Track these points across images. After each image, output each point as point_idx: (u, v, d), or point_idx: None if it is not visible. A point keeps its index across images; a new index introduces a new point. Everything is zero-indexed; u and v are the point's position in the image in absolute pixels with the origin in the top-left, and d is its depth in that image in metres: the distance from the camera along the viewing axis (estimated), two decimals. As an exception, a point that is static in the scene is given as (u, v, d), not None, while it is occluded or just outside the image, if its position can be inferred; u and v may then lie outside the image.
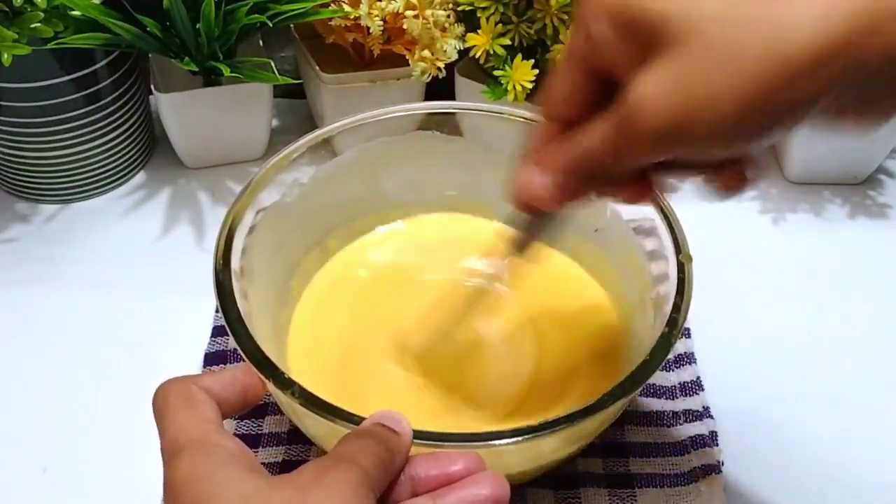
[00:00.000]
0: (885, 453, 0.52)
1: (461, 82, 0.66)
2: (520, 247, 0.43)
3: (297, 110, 0.75)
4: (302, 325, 0.52)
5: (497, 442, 0.38)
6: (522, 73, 0.60)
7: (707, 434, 0.51)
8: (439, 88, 0.66)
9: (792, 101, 0.29)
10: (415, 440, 0.36)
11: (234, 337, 0.42)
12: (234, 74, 0.59)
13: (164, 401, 0.35)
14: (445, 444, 0.38)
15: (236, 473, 0.31)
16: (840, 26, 0.27)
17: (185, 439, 0.33)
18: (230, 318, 0.43)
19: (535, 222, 0.40)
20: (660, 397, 0.53)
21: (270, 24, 0.59)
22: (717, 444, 0.50)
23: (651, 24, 0.30)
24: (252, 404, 0.39)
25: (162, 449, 0.34)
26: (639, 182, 0.35)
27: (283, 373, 0.41)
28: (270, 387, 0.41)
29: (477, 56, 0.61)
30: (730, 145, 0.31)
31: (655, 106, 0.30)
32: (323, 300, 0.54)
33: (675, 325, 0.43)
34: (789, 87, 0.28)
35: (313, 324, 0.52)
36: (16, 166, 0.65)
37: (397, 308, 0.53)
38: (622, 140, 0.32)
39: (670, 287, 0.45)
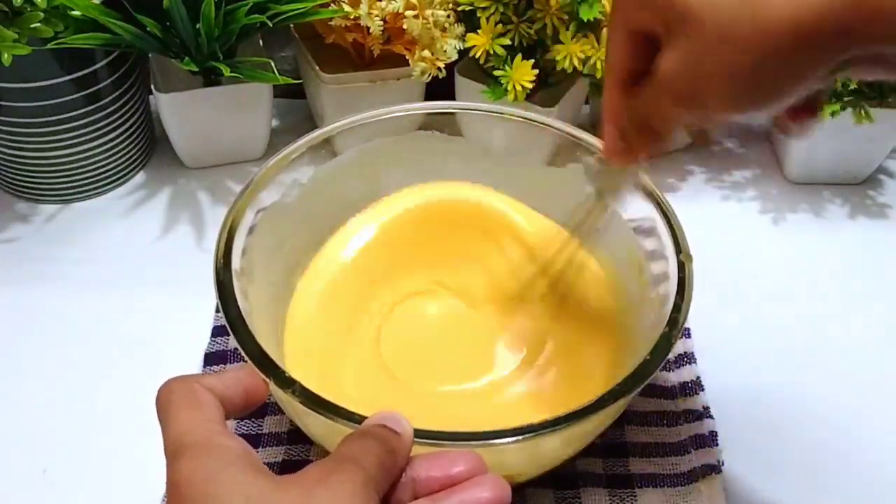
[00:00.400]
0: (886, 453, 0.52)
1: (461, 82, 0.66)
2: (602, 193, 0.49)
3: (297, 110, 0.75)
4: (301, 324, 0.52)
5: (497, 441, 0.39)
6: (522, 73, 0.60)
7: (707, 434, 0.51)
8: (439, 88, 0.66)
9: (782, 71, 0.33)
10: (415, 439, 0.36)
11: (234, 336, 0.42)
12: (234, 74, 0.59)
13: (168, 400, 0.35)
14: (445, 443, 0.38)
15: (241, 474, 0.31)
16: (831, 6, 0.30)
17: (188, 439, 0.33)
18: (231, 318, 0.43)
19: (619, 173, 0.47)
20: (660, 397, 0.53)
21: (270, 24, 0.59)
22: (717, 444, 0.50)
23: (672, 8, 0.34)
24: (254, 405, 0.39)
25: (165, 448, 0.34)
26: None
27: (283, 371, 0.41)
28: (271, 386, 0.41)
29: (477, 56, 0.61)
30: (742, 109, 0.35)
31: (673, 80, 0.35)
32: (321, 298, 0.53)
33: (675, 325, 0.43)
34: (775, 60, 0.32)
35: (312, 322, 0.52)
36: (16, 166, 0.65)
37: (393, 301, 0.53)
38: (656, 105, 0.37)
39: (670, 287, 0.45)
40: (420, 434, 0.37)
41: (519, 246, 0.55)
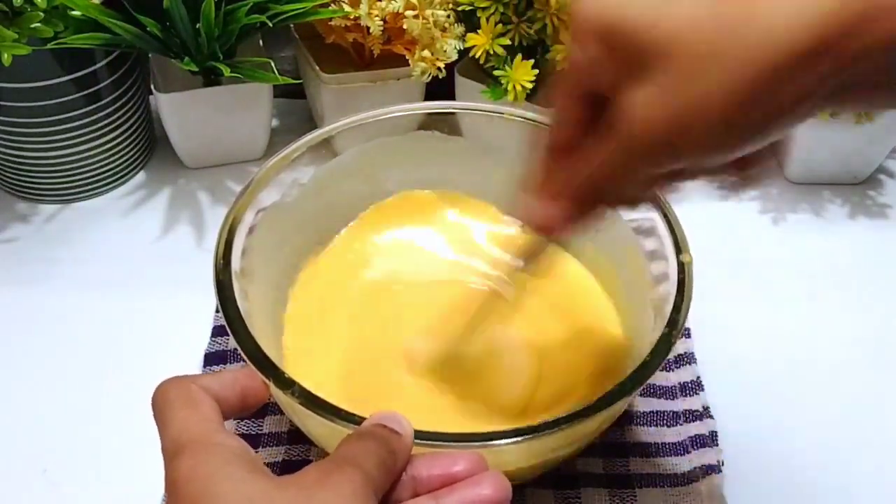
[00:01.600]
0: (885, 453, 0.52)
1: (461, 82, 0.66)
2: (530, 257, 0.43)
3: (297, 110, 0.75)
4: (300, 324, 0.52)
5: (497, 442, 0.39)
6: (522, 73, 0.60)
7: (707, 434, 0.51)
8: (439, 88, 0.66)
9: (775, 103, 0.30)
10: (415, 440, 0.36)
11: (234, 337, 0.42)
12: (234, 74, 0.59)
13: (164, 400, 0.35)
14: (446, 443, 0.38)
15: (240, 473, 0.31)
16: (813, 26, 0.28)
17: (186, 438, 0.33)
18: (230, 318, 0.43)
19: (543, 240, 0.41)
20: (660, 397, 0.53)
21: (270, 24, 0.59)
22: (717, 444, 0.50)
23: (638, 42, 0.31)
24: (253, 408, 0.39)
25: (163, 448, 0.34)
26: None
27: (283, 372, 0.41)
28: (270, 386, 0.41)
29: (477, 56, 0.61)
30: (725, 151, 0.32)
31: (649, 123, 0.31)
32: (321, 299, 0.54)
33: (675, 326, 0.43)
34: (769, 90, 0.29)
35: (312, 323, 0.52)
36: (16, 166, 0.65)
37: (397, 309, 0.53)
38: (622, 160, 0.33)
39: (670, 287, 0.45)
40: (420, 435, 0.37)
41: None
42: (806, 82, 0.29)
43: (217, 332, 0.56)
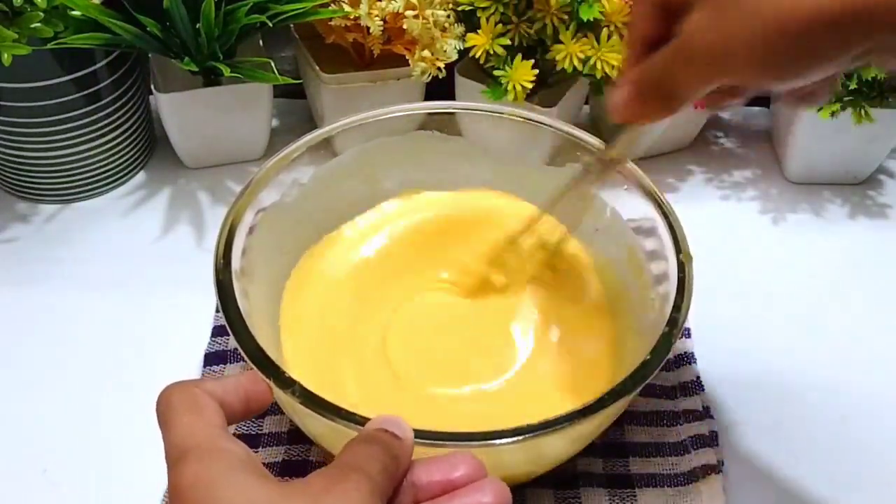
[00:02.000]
0: (886, 453, 0.52)
1: (461, 82, 0.66)
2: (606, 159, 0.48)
3: (297, 110, 0.75)
4: (301, 324, 0.52)
5: (497, 441, 0.39)
6: (522, 73, 0.60)
7: (707, 434, 0.51)
8: (439, 88, 0.66)
9: (803, 53, 0.33)
10: (415, 440, 0.36)
11: (234, 336, 0.42)
12: (234, 74, 0.59)
13: (168, 405, 0.35)
14: (445, 443, 0.38)
15: (245, 479, 0.31)
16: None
17: (190, 443, 0.33)
18: (231, 318, 0.43)
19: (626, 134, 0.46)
20: (660, 397, 0.53)
21: (270, 24, 0.59)
22: (717, 444, 0.50)
23: None
24: (256, 412, 0.38)
25: (166, 454, 0.33)
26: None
27: (283, 372, 0.41)
28: (272, 387, 0.40)
29: (477, 56, 0.61)
30: (761, 81, 0.35)
31: (698, 43, 0.35)
32: (321, 298, 0.53)
33: (675, 325, 0.43)
34: (795, 42, 0.32)
35: (312, 322, 0.52)
36: (16, 166, 0.65)
37: (390, 300, 0.53)
38: (676, 64, 0.37)
39: (671, 287, 0.45)
40: (420, 434, 0.37)
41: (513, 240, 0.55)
42: (836, 41, 0.32)
43: (217, 332, 0.56)
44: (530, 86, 0.60)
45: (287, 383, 0.40)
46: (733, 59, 0.34)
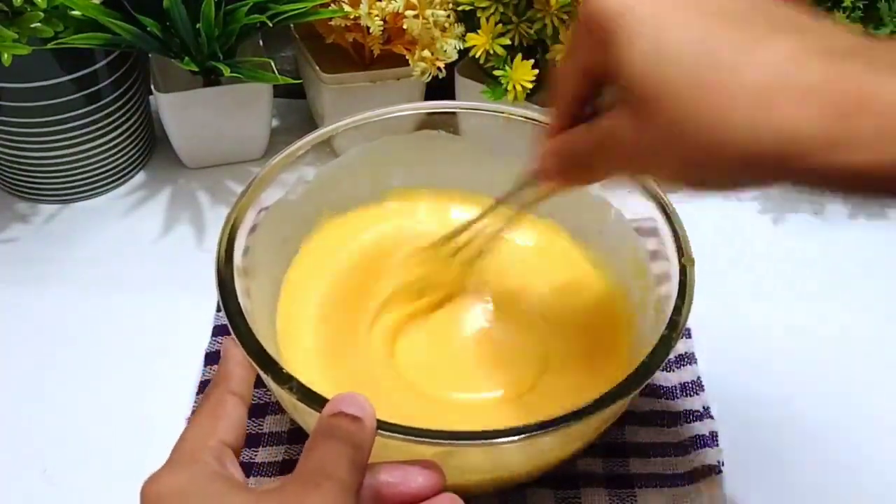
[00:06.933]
0: (886, 453, 0.52)
1: (461, 82, 0.66)
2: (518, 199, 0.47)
3: (297, 110, 0.75)
4: (301, 322, 0.52)
5: (497, 441, 0.39)
6: (522, 73, 0.60)
7: (707, 434, 0.51)
8: (439, 88, 0.66)
9: (728, 181, 0.33)
10: (418, 439, 0.36)
11: (233, 331, 0.42)
12: (234, 74, 0.59)
13: (205, 397, 0.38)
14: (445, 442, 0.38)
15: (228, 490, 0.32)
16: (765, 139, 0.29)
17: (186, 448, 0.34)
18: (231, 313, 0.43)
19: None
20: (660, 397, 0.53)
21: (270, 24, 0.59)
22: (717, 444, 0.50)
23: (625, 79, 0.33)
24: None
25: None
26: None
27: (281, 368, 0.41)
28: (270, 383, 0.41)
29: (477, 56, 0.61)
30: (682, 187, 0.34)
31: (618, 142, 0.34)
32: (320, 297, 0.53)
33: (675, 328, 0.43)
34: (718, 173, 0.32)
35: (312, 321, 0.52)
36: (16, 166, 0.65)
37: (383, 290, 0.53)
38: (596, 153, 0.37)
39: (672, 288, 0.45)
40: (420, 434, 0.37)
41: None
42: (755, 178, 0.32)
43: (217, 331, 0.56)
44: (530, 86, 0.60)
45: (285, 379, 0.40)
46: (651, 166, 0.35)
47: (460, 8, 0.61)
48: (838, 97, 0.28)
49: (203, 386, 0.53)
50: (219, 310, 0.58)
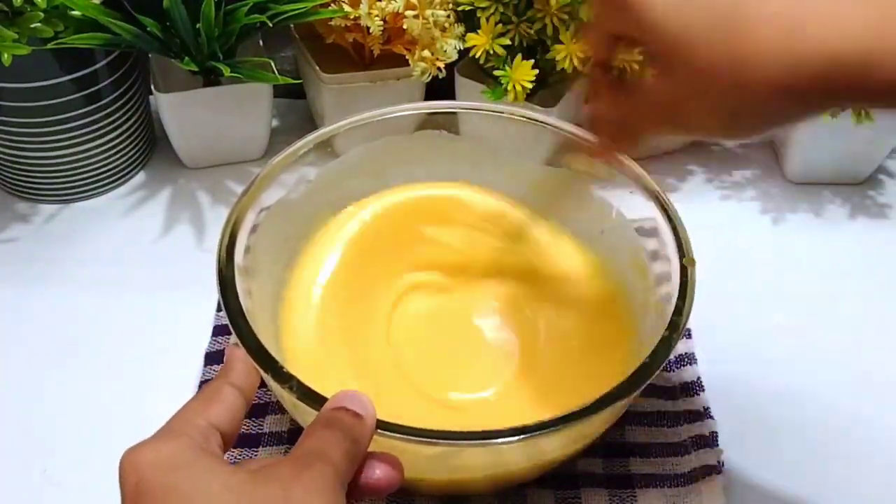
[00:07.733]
0: (887, 453, 0.52)
1: (461, 82, 0.66)
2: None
3: (297, 110, 0.75)
4: (301, 321, 0.52)
5: (497, 441, 0.39)
6: (522, 73, 0.60)
7: (707, 434, 0.51)
8: (439, 88, 0.66)
9: (759, 118, 0.33)
10: (418, 438, 0.36)
11: (234, 330, 0.42)
12: (234, 74, 0.59)
13: (208, 384, 0.37)
14: (445, 442, 0.38)
15: (213, 463, 0.32)
16: (804, 64, 0.30)
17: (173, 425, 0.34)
18: (232, 313, 0.43)
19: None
20: (660, 397, 0.53)
21: (270, 24, 0.59)
22: (717, 445, 0.50)
23: (650, 31, 0.34)
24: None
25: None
26: None
27: (282, 367, 0.41)
28: (270, 382, 0.41)
29: (477, 56, 0.61)
30: (719, 138, 0.38)
31: (657, 100, 0.36)
32: (320, 296, 0.53)
33: (676, 328, 0.43)
34: (752, 109, 0.33)
35: (311, 320, 0.52)
36: (16, 166, 0.65)
37: (395, 298, 0.54)
38: (638, 117, 0.39)
39: (672, 288, 0.45)
40: (420, 433, 0.37)
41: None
42: (798, 109, 0.32)
43: (217, 331, 0.56)
44: (530, 86, 0.60)
45: (285, 379, 0.40)
46: (687, 118, 0.36)
47: (460, 8, 0.61)
48: (872, 12, 0.29)
49: (203, 386, 0.53)
50: (219, 310, 0.58)
